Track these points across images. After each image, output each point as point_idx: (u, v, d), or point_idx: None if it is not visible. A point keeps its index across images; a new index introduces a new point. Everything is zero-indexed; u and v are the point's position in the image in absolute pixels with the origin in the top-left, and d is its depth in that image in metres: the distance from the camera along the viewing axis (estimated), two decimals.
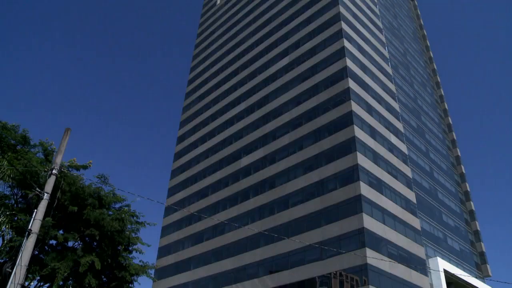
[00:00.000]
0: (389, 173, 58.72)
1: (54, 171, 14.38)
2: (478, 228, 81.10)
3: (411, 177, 63.24)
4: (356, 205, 51.56)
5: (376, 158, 57.82)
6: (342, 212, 52.62)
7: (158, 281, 64.37)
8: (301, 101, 66.72)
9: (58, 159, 14.86)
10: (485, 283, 70.44)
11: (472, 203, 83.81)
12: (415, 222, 58.59)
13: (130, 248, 20.22)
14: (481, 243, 79.45)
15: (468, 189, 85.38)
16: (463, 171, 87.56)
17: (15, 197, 17.85)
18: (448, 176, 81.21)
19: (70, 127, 15.65)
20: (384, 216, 53.61)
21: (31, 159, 16.93)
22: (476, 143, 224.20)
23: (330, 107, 61.57)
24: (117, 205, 19.91)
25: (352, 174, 53.87)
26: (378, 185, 55.49)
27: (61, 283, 17.37)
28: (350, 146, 55.95)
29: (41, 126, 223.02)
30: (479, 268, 76.64)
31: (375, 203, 53.15)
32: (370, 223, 50.67)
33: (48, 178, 14.21)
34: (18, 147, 17.75)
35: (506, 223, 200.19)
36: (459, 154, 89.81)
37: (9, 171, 15.79)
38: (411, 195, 60.57)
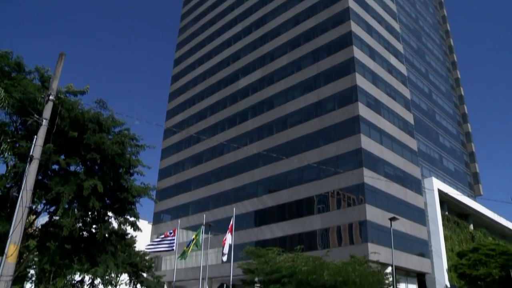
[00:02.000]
0: (387, 94, 58.60)
1: (51, 97, 14.31)
2: (474, 150, 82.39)
3: (409, 98, 63.20)
4: (354, 125, 51.93)
5: (375, 79, 57.46)
6: (340, 132, 53.10)
7: (160, 202, 66.12)
8: (300, 21, 65.14)
9: (54, 85, 14.72)
10: (476, 201, 72.66)
11: (469, 125, 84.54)
12: (412, 143, 59.34)
13: (131, 171, 20.47)
14: (475, 164, 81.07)
15: (466, 111, 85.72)
16: (462, 93, 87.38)
17: (14, 124, 17.86)
18: (447, 98, 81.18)
19: (64, 52, 15.38)
20: (382, 136, 54.16)
21: (28, 85, 16.74)
22: (477, 65, 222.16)
23: (329, 27, 60.25)
24: (117, 129, 19.87)
25: (351, 95, 53.78)
26: (376, 106, 55.57)
27: (66, 206, 17.81)
28: (349, 66, 55.40)
29: (33, 52, 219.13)
30: (472, 187, 78.76)
31: (373, 124, 53.50)
32: (368, 143, 51.30)
33: (46, 104, 14.17)
34: (13, 74, 17.49)
35: (501, 143, 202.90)
36: (459, 76, 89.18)
37: (7, 99, 15.69)
38: (409, 117, 60.86)
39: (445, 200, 62.93)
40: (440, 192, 60.56)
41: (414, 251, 51.62)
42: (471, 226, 69.93)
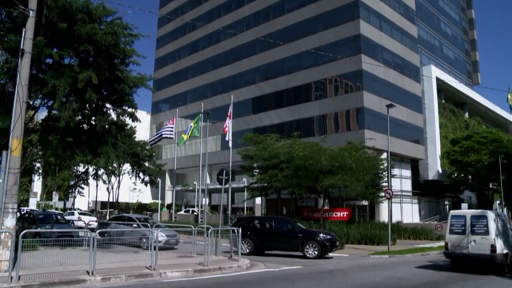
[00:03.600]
0: None
1: None
2: (475, 37, 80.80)
3: None
4: (353, 10, 50.54)
5: None
6: (339, 17, 51.79)
7: (157, 91, 65.94)
8: None
9: None
10: (473, 90, 72.83)
11: (473, 11, 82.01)
12: (413, 30, 58.05)
13: (126, 61, 20.15)
14: (476, 52, 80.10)
15: None
16: None
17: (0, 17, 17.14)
18: None
19: None
20: (382, 22, 52.84)
21: None
22: None
23: None
24: (108, 18, 19.19)
25: None
26: None
27: (63, 99, 17.76)
28: None
29: None
30: (470, 76, 78.56)
31: (372, 9, 51.96)
32: (367, 29, 50.22)
33: None
34: None
35: (503, 32, 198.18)
36: None
37: None
38: (410, 1, 58.92)
39: (443, 88, 62.96)
40: (438, 80, 60.40)
41: (409, 138, 52.76)
42: (467, 114, 70.79)
